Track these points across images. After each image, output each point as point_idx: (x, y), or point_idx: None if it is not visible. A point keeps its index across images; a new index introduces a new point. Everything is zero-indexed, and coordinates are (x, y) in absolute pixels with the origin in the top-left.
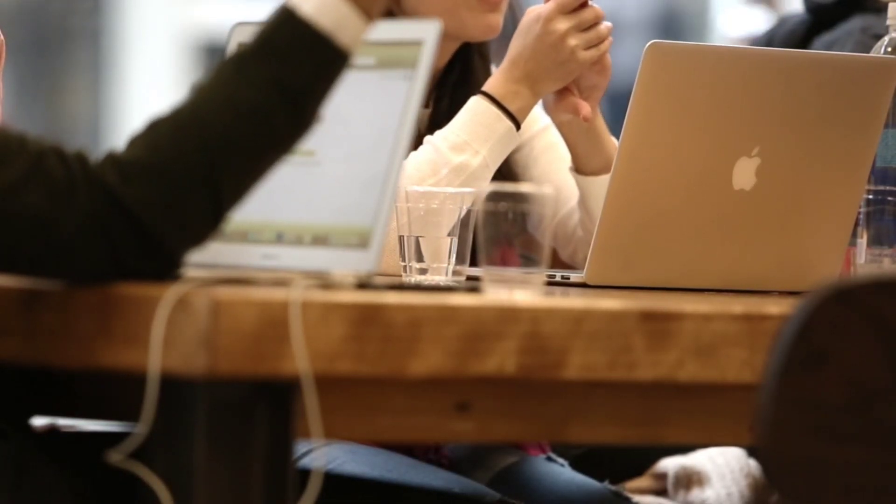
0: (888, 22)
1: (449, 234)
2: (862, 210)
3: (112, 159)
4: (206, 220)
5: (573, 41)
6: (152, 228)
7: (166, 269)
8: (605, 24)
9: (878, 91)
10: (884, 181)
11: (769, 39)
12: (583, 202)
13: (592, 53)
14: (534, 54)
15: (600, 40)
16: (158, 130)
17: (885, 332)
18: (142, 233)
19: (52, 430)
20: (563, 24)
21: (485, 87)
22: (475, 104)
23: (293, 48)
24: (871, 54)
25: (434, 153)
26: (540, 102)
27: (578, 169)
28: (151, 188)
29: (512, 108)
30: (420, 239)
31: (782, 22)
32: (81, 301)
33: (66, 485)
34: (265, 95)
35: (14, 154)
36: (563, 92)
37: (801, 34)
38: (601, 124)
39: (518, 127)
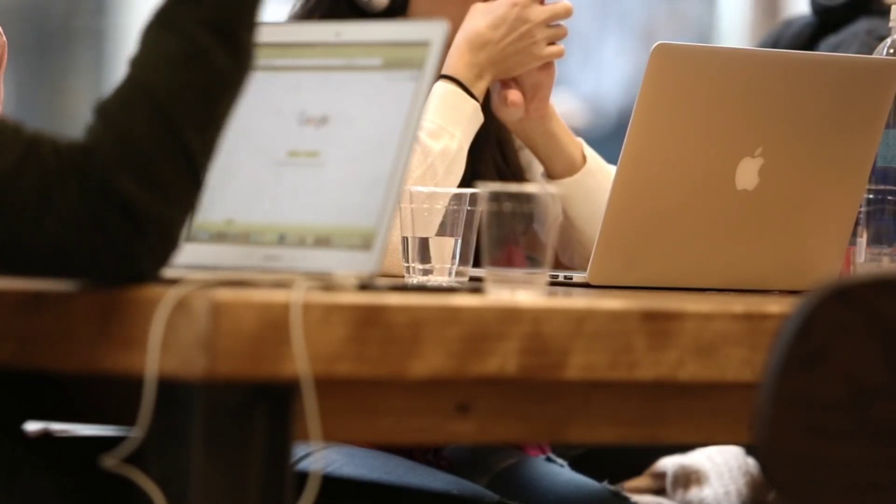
0: (890, 24)
1: (452, 235)
2: (862, 209)
3: (81, 149)
4: (186, 181)
5: (540, 34)
6: (140, 207)
7: (166, 246)
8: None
9: (880, 92)
10: (884, 181)
11: (775, 41)
12: None
13: (553, 50)
14: (503, 38)
15: (561, 37)
16: (109, 112)
17: (883, 331)
18: (131, 213)
19: (46, 435)
20: (537, 14)
21: (448, 71)
22: (442, 89)
23: None
24: (872, 56)
25: (416, 144)
26: None
27: (546, 173)
28: (126, 167)
29: (476, 91)
30: (423, 240)
31: (788, 24)
32: (78, 304)
33: (60, 490)
34: (197, 39)
35: (9, 141)
36: (503, 85)
37: (807, 36)
38: (558, 126)
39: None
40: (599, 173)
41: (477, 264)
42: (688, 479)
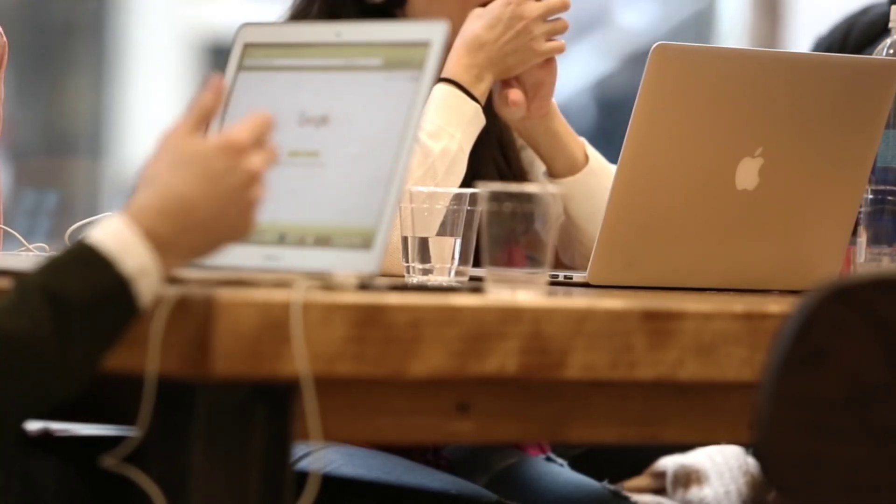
0: (890, 24)
1: (452, 235)
2: (862, 209)
3: None
4: None
5: (537, 30)
6: None
7: None
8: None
9: (880, 92)
10: (884, 181)
11: (849, 26)
12: None
13: (552, 46)
14: (499, 37)
15: (561, 31)
16: None
17: (883, 330)
18: None
19: (46, 435)
20: (532, 10)
21: (447, 74)
22: (441, 91)
23: (70, 263)
24: (872, 56)
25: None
26: None
27: (548, 172)
28: None
29: (476, 93)
30: (423, 240)
31: (865, 11)
32: None
33: (60, 490)
34: (34, 301)
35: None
36: (504, 84)
37: (881, 26)
38: (561, 125)
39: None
40: (601, 173)
41: (477, 264)
42: (688, 478)
